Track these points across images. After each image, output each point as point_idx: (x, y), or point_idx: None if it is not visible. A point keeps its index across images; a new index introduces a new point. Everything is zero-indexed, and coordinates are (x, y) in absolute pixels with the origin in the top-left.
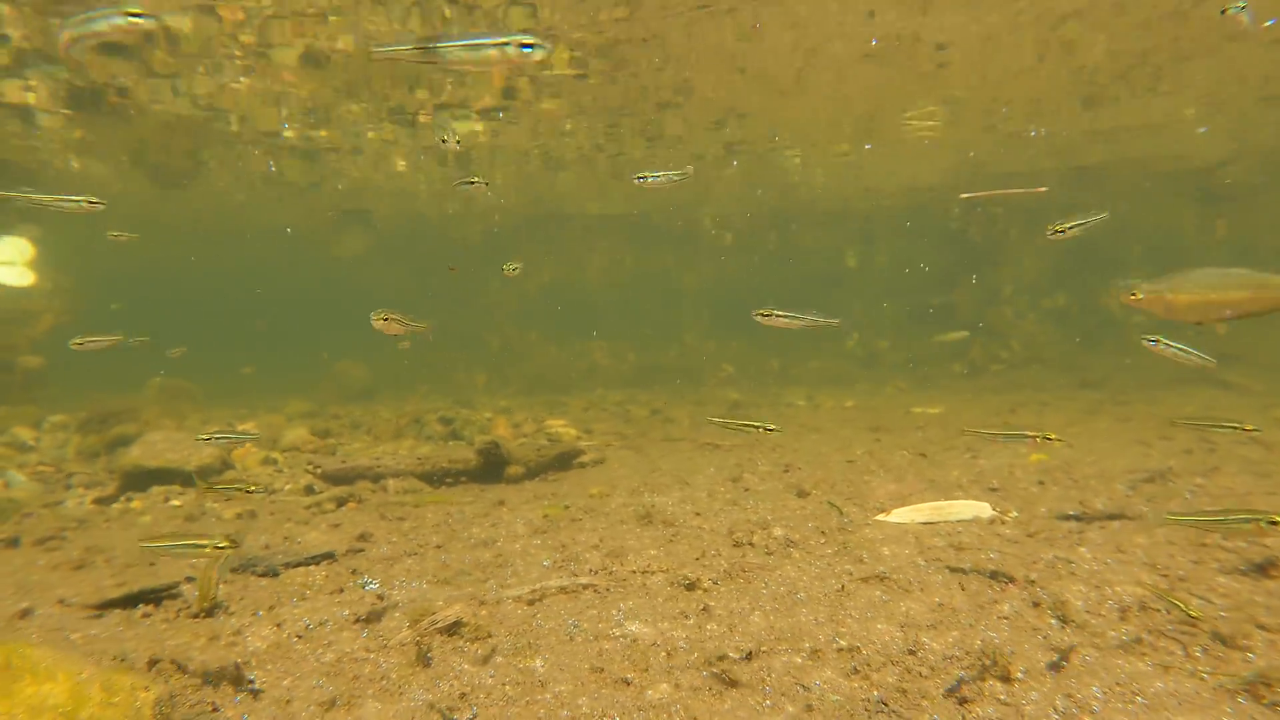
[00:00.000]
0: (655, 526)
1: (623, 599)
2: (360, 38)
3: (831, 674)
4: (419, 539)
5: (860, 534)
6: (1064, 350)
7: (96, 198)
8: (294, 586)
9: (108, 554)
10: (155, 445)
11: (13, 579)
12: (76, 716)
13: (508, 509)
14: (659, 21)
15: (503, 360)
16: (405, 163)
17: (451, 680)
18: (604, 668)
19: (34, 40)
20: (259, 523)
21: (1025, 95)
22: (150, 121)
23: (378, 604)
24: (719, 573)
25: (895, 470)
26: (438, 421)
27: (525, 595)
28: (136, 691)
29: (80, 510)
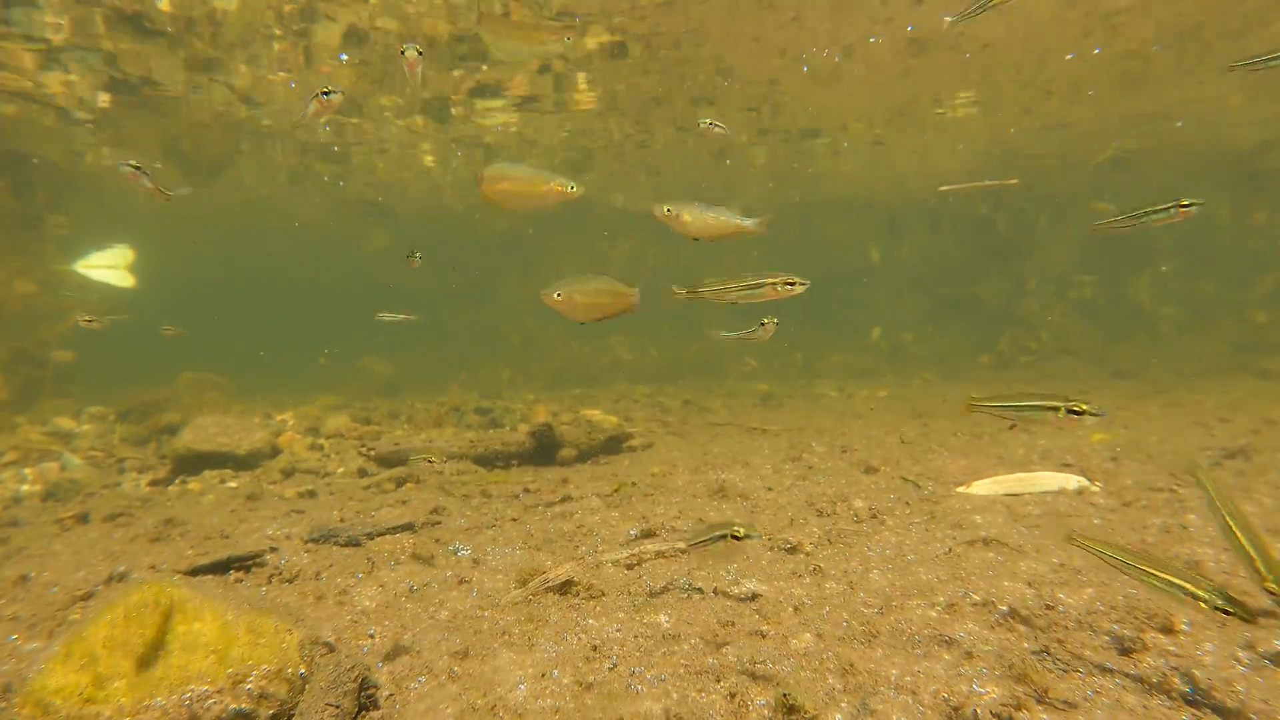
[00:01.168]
0: (731, 500)
1: (728, 561)
2: (399, 21)
3: (974, 626)
4: (493, 513)
5: (946, 504)
6: (1092, 341)
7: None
8: (383, 554)
9: (181, 528)
10: (206, 430)
11: (96, 549)
12: (228, 654)
13: (575, 485)
14: (699, 9)
15: (525, 355)
16: (433, 157)
17: (578, 634)
18: (733, 621)
19: (74, 32)
20: (320, 501)
21: (1066, 79)
22: (186, 114)
23: (475, 567)
24: (816, 538)
25: (956, 450)
26: (474, 412)
27: (624, 560)
28: (281, 634)
29: (138, 491)
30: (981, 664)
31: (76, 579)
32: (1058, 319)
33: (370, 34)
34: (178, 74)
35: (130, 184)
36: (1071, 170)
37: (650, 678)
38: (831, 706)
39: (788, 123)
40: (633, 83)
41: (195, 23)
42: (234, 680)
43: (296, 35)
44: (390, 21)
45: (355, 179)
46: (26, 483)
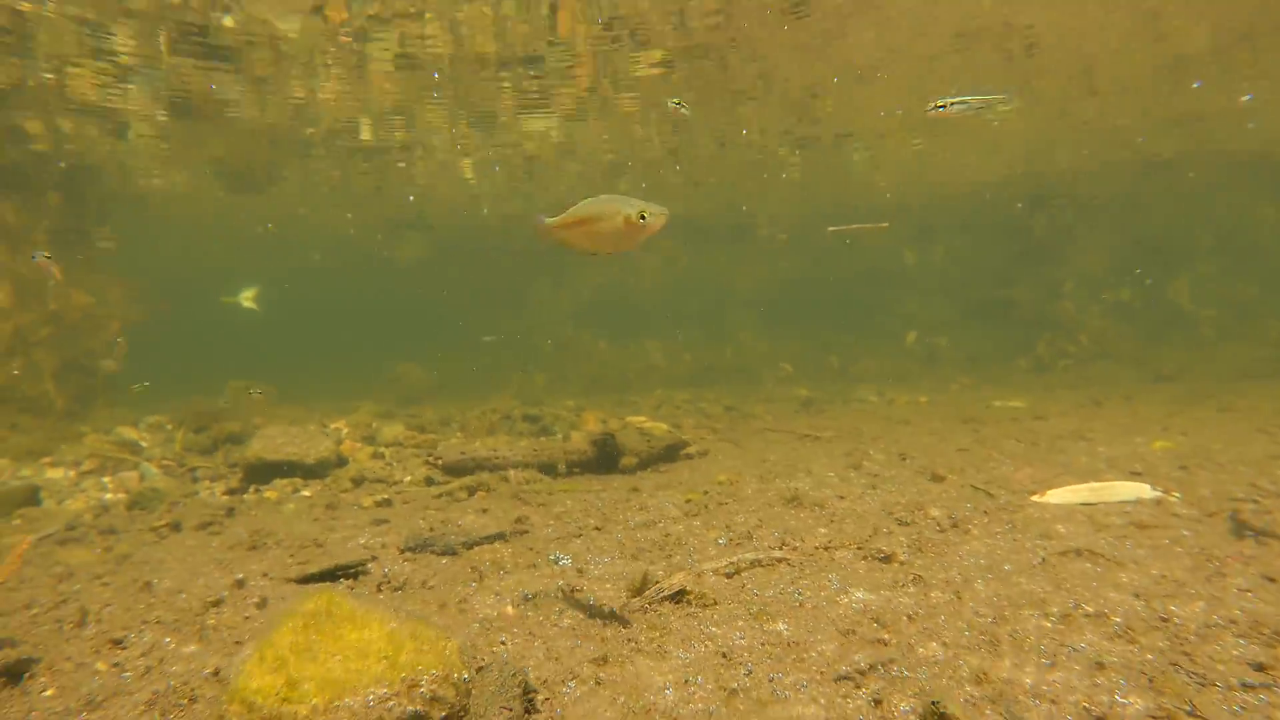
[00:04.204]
0: (806, 509)
1: (824, 571)
2: (453, 28)
3: (1093, 637)
4: (576, 522)
5: (1024, 513)
6: (1131, 345)
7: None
8: (485, 563)
9: (274, 537)
10: (274, 440)
11: (200, 556)
12: (397, 660)
13: (645, 495)
14: (751, 24)
15: (558, 361)
16: (472, 168)
17: (705, 641)
18: (853, 630)
19: (140, 51)
20: (397, 510)
21: (1109, 79)
22: (238, 128)
23: (580, 576)
24: (906, 548)
25: (1016, 457)
26: (523, 419)
27: (723, 568)
28: (441, 641)
29: (216, 500)
30: (1115, 675)
31: (199, 586)
32: (1097, 322)
33: (420, 51)
34: (234, 90)
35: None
36: (1110, 172)
37: (790, 684)
38: (977, 714)
39: (825, 131)
40: (673, 93)
41: (256, 44)
42: (408, 685)
43: (351, 53)
44: (440, 32)
45: (394, 190)
46: (109, 491)
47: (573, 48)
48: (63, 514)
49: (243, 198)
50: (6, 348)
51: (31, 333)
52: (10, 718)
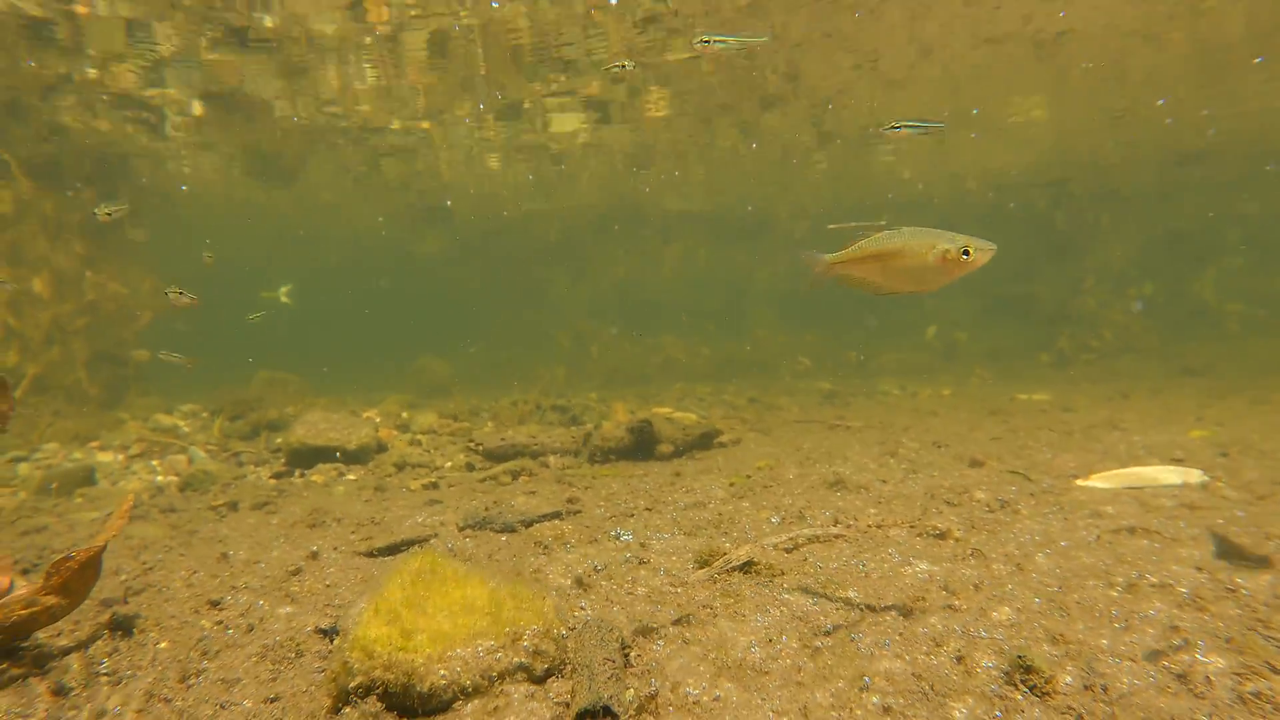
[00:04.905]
0: (851, 491)
1: (882, 546)
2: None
3: (1161, 605)
4: (625, 503)
5: (1070, 496)
6: (1155, 339)
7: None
8: (548, 538)
9: (331, 515)
10: (317, 425)
11: (264, 532)
12: (500, 616)
13: (689, 479)
14: (781, 12)
15: (577, 355)
16: (499, 160)
17: (779, 607)
18: (923, 596)
19: (180, 47)
20: (445, 493)
21: (1141, 71)
22: (271, 121)
23: (644, 550)
24: (959, 526)
25: (1053, 445)
26: (552, 410)
27: (782, 543)
28: (538, 599)
29: (264, 483)
30: (1191, 637)
31: (274, 557)
32: (1121, 316)
33: (453, 42)
34: (269, 83)
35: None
36: (1137, 166)
37: (871, 643)
38: (1059, 669)
39: (851, 126)
40: (704, 89)
41: (294, 39)
42: (512, 638)
43: (385, 44)
44: (476, 26)
45: (419, 182)
46: (160, 474)
47: (605, 38)
48: (117, 494)
49: (269, 190)
50: (45, 337)
51: (69, 322)
52: (137, 663)
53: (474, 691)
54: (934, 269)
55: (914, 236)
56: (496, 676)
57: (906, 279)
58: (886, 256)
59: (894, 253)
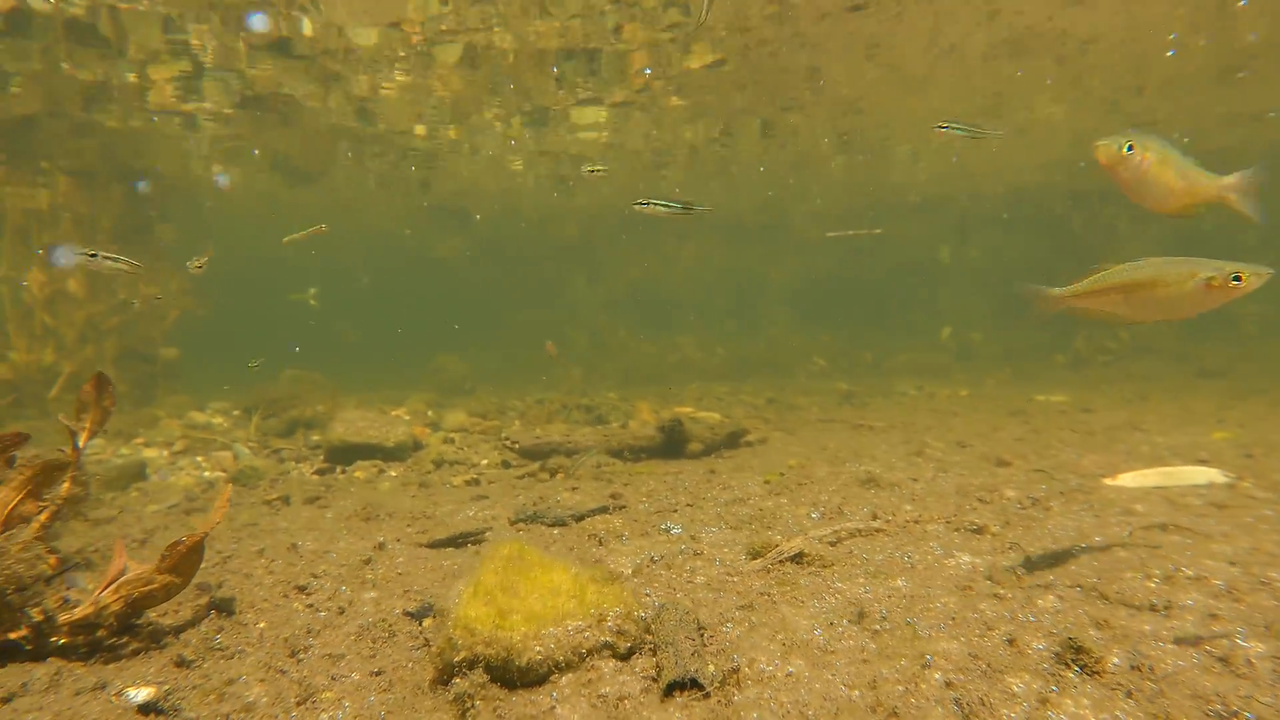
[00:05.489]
0: (884, 489)
1: (923, 540)
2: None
3: (1199, 595)
4: (667, 499)
5: (1100, 495)
6: (1171, 341)
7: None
8: (600, 531)
9: (383, 510)
10: (355, 423)
11: (325, 526)
12: (584, 599)
13: (724, 476)
14: (806, 20)
15: (593, 355)
16: (522, 162)
17: (834, 595)
18: (969, 585)
19: (215, 51)
20: (487, 489)
21: (1161, 74)
22: (302, 125)
23: (696, 542)
24: (995, 521)
25: (1076, 446)
26: (578, 409)
27: (827, 536)
28: (618, 584)
29: (308, 478)
30: (1230, 624)
31: (342, 548)
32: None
33: (486, 52)
34: (303, 89)
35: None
36: None
37: (926, 625)
38: (1106, 651)
39: (869, 129)
40: (724, 92)
41: (333, 50)
42: (597, 619)
43: (419, 55)
44: (507, 38)
45: (441, 184)
46: (206, 469)
47: (630, 45)
48: (172, 488)
49: (292, 188)
50: (79, 335)
51: (102, 321)
52: (245, 640)
53: (567, 666)
54: (1194, 298)
55: (1166, 266)
56: (586, 653)
57: (1158, 309)
58: (1134, 288)
59: (1144, 284)
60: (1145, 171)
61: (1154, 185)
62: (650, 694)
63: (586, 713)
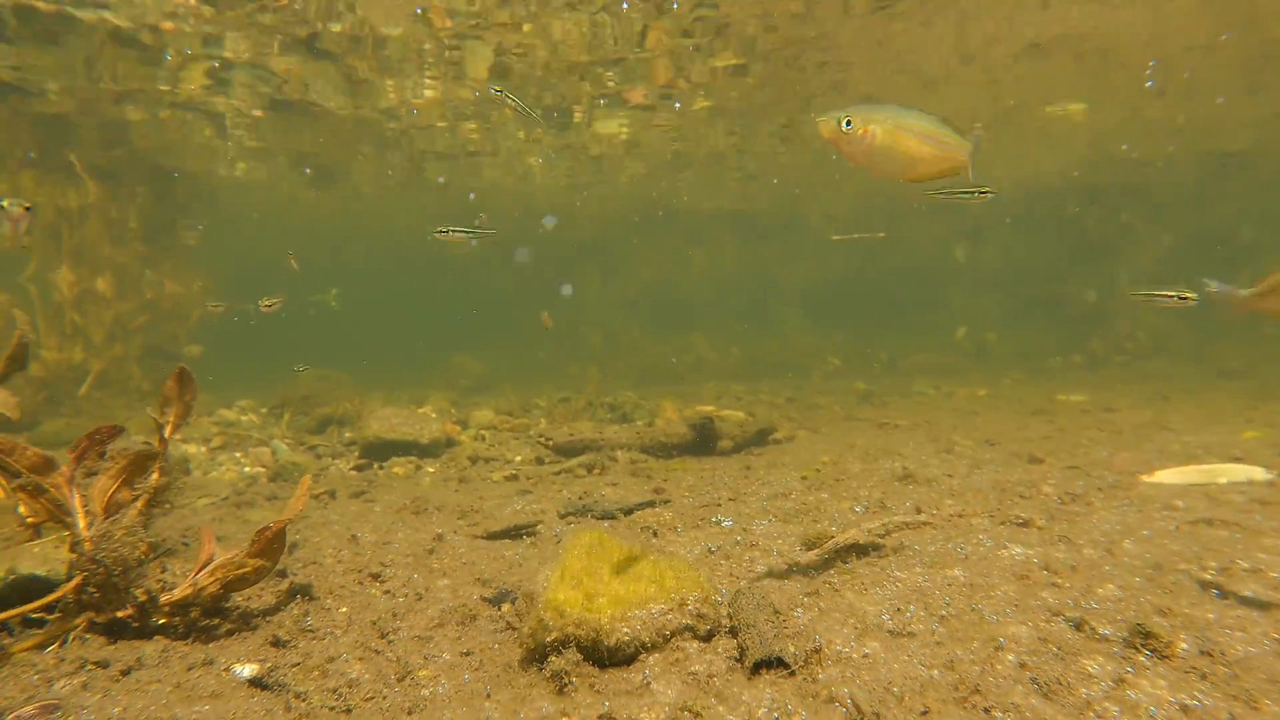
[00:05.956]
0: (920, 484)
1: (971, 533)
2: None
3: (1258, 586)
4: (708, 494)
5: (1138, 491)
6: (1188, 341)
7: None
8: (652, 524)
9: (431, 503)
10: (390, 420)
11: (377, 519)
12: (664, 584)
13: (761, 472)
14: (831, 19)
15: (608, 355)
16: (540, 164)
17: (894, 583)
18: (1026, 575)
19: (250, 54)
20: (527, 484)
21: (1183, 78)
22: (327, 126)
23: (748, 534)
24: (1039, 515)
25: (1105, 444)
26: (604, 408)
27: (876, 529)
28: (692, 571)
29: (348, 474)
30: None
31: (401, 539)
32: (1154, 318)
33: (515, 59)
34: (331, 89)
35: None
36: (1174, 169)
37: (992, 611)
38: (1174, 637)
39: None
40: (746, 93)
41: (360, 43)
42: (678, 603)
43: (447, 60)
44: (536, 40)
45: (461, 184)
46: (246, 465)
47: (654, 50)
48: (216, 483)
49: (314, 189)
50: (108, 334)
51: (129, 320)
52: (334, 623)
53: (653, 646)
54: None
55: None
56: (669, 634)
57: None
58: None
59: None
60: (872, 144)
61: (890, 156)
62: (736, 672)
63: (680, 689)
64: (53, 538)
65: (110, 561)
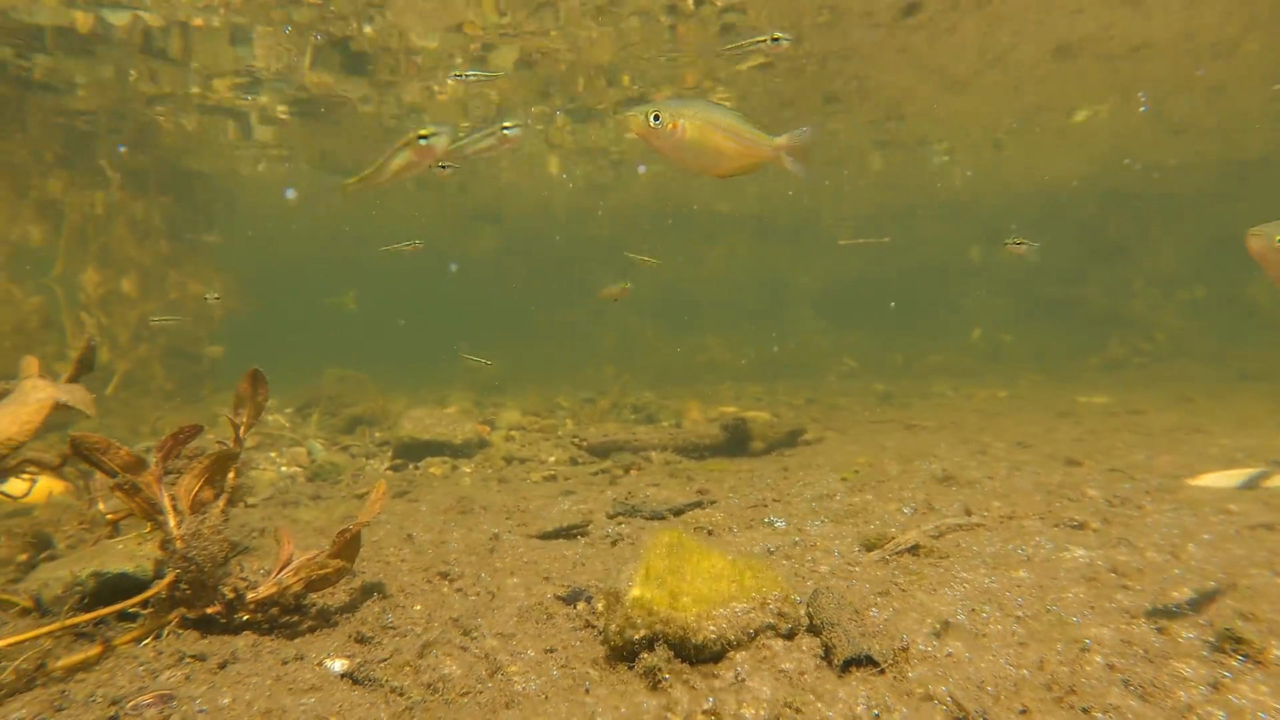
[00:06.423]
0: (963, 487)
1: (1027, 535)
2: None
3: None
4: (751, 495)
5: (1187, 494)
6: (1208, 344)
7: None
8: (705, 524)
9: (476, 504)
10: (422, 421)
11: (425, 519)
12: (743, 583)
13: (800, 473)
14: (858, 29)
15: (622, 355)
16: (558, 164)
17: (962, 584)
18: (1094, 577)
19: (280, 60)
20: (564, 485)
21: (1212, 77)
22: (351, 127)
23: (803, 534)
24: (1092, 518)
25: (1141, 447)
26: (629, 409)
27: (930, 531)
28: (769, 570)
29: (384, 474)
30: None
31: (456, 538)
32: (1172, 319)
33: (541, 59)
34: (358, 92)
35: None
36: (1193, 171)
37: (1069, 612)
38: (1266, 642)
39: (910, 133)
40: (769, 94)
41: (392, 51)
42: (759, 602)
43: (475, 61)
44: (563, 45)
45: (479, 186)
46: (283, 465)
47: (683, 54)
48: (257, 483)
49: (332, 188)
50: (133, 335)
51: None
52: (412, 619)
53: (738, 644)
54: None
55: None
56: (754, 632)
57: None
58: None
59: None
60: (682, 139)
61: (699, 151)
62: (824, 670)
63: (774, 685)
64: (132, 535)
65: (202, 559)
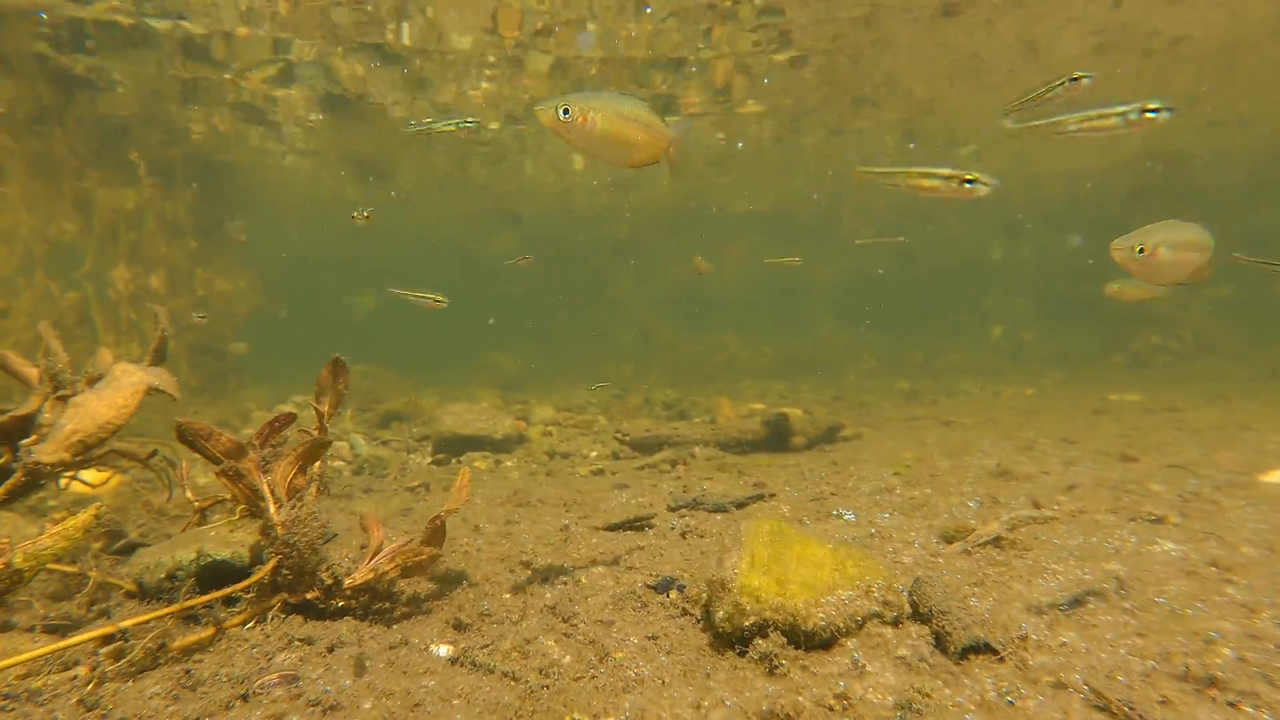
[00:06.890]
0: (1021, 481)
1: (1102, 529)
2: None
3: None
4: (807, 489)
5: (1260, 490)
6: (1236, 342)
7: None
8: (774, 517)
9: (533, 497)
10: (462, 416)
11: (484, 510)
12: (845, 572)
13: (849, 467)
14: (894, 23)
15: (641, 353)
16: (584, 160)
17: (1055, 575)
18: (1193, 571)
19: (313, 56)
20: (617, 478)
21: (1249, 70)
22: (381, 125)
23: (874, 526)
24: (1170, 512)
25: (1193, 443)
26: (660, 405)
27: (1005, 523)
28: (870, 560)
29: (428, 468)
30: None
31: (524, 529)
32: (1199, 318)
33: (574, 64)
34: (390, 91)
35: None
36: (1224, 164)
37: (1180, 605)
38: None
39: (937, 131)
40: (800, 93)
41: (428, 53)
42: (864, 590)
43: (510, 63)
44: (596, 50)
45: (501, 184)
46: (329, 458)
47: (717, 51)
48: None
49: (359, 186)
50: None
51: (181, 317)
52: (503, 607)
53: (848, 631)
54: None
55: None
56: (861, 620)
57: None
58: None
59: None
60: (593, 131)
61: (611, 142)
62: (940, 657)
63: (894, 671)
64: (223, 522)
65: (302, 545)
